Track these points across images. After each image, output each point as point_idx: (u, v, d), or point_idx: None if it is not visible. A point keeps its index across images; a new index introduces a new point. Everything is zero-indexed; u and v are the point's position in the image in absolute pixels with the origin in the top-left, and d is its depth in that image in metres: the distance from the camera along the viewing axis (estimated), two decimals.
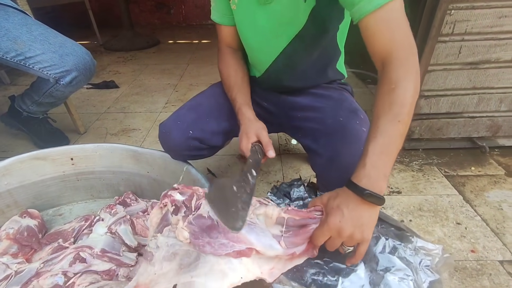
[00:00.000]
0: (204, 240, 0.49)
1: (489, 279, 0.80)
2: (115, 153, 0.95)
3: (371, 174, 0.49)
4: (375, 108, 0.54)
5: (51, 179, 0.95)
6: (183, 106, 0.84)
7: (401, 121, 0.50)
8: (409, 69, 0.52)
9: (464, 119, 1.26)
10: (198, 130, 0.79)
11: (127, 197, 0.92)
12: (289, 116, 0.85)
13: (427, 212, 1.01)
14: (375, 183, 0.48)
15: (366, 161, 0.50)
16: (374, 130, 0.51)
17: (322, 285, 0.50)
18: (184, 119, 0.80)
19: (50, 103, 1.22)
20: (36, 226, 0.86)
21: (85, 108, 1.74)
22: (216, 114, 0.83)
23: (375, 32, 0.54)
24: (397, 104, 0.50)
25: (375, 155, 0.49)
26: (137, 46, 2.84)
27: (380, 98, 0.53)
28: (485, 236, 0.92)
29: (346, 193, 0.50)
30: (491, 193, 1.09)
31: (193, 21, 3.80)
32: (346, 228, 0.48)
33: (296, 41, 0.72)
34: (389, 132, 0.50)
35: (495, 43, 1.09)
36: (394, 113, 0.50)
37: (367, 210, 0.49)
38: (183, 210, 0.56)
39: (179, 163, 0.87)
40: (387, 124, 0.50)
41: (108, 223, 0.80)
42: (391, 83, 0.52)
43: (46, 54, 1.01)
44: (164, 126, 0.81)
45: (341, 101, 0.80)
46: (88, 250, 0.74)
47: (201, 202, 0.57)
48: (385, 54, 0.54)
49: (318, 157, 0.74)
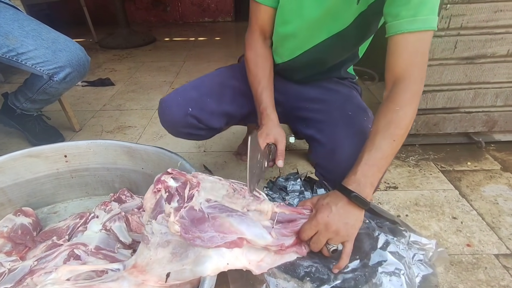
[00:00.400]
0: (194, 234, 0.49)
1: (484, 273, 0.80)
2: (109, 149, 0.94)
3: (360, 181, 0.54)
4: (375, 122, 0.59)
5: (45, 177, 0.94)
6: (187, 84, 0.84)
7: (396, 140, 0.56)
8: (415, 96, 0.58)
9: (460, 114, 1.26)
10: (197, 108, 0.79)
11: (122, 194, 0.91)
12: (296, 106, 0.85)
13: (423, 207, 1.01)
14: (362, 189, 0.53)
15: (358, 169, 0.55)
16: (370, 144, 0.56)
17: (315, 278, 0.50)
18: (185, 96, 0.80)
19: (44, 100, 1.20)
20: (31, 224, 0.85)
21: (80, 105, 1.73)
22: (218, 96, 0.83)
23: (403, 51, 0.58)
24: (396, 125, 0.56)
25: (367, 165, 0.55)
26: (133, 43, 2.82)
27: (382, 115, 0.57)
28: (480, 230, 0.92)
29: (335, 194, 0.55)
30: (487, 187, 1.09)
31: (190, 18, 3.78)
32: (333, 223, 0.51)
33: (335, 39, 0.72)
34: (383, 148, 0.55)
35: (491, 37, 1.09)
36: (391, 133, 0.55)
37: (353, 211, 0.53)
38: (176, 199, 0.56)
39: (173, 159, 0.86)
40: (383, 141, 0.55)
41: (102, 220, 0.79)
42: (396, 104, 0.57)
43: (39, 50, 0.99)
44: (164, 101, 0.81)
45: (351, 97, 0.82)
46: (83, 247, 0.73)
47: (194, 192, 0.57)
48: (401, 74, 0.58)
49: (321, 147, 0.75)
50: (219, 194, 0.60)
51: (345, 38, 0.72)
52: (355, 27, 0.69)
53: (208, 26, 3.60)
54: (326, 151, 0.73)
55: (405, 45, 0.57)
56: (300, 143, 1.37)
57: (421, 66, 0.59)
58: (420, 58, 0.58)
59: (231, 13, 3.77)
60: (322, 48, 0.75)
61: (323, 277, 0.50)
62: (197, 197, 0.55)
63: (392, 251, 0.55)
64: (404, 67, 0.58)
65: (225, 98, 0.83)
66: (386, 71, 0.61)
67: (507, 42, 1.09)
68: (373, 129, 0.58)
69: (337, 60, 0.81)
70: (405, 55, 0.57)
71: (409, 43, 0.57)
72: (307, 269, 0.52)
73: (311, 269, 0.52)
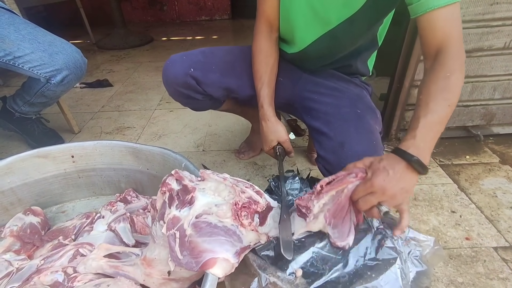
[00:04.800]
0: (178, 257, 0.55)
1: (483, 266, 0.80)
2: (114, 150, 0.95)
3: (420, 145, 0.52)
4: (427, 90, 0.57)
5: (53, 177, 0.95)
6: (196, 49, 0.86)
7: (450, 106, 0.56)
8: (462, 62, 0.59)
9: (458, 108, 1.26)
10: (199, 71, 0.80)
11: (128, 194, 0.92)
12: (304, 97, 0.85)
13: (422, 201, 1.02)
14: (421, 154, 0.51)
15: (417, 133, 0.53)
16: (425, 109, 0.55)
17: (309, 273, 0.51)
18: (191, 58, 0.81)
19: (42, 103, 1.21)
20: (39, 223, 0.86)
21: (79, 107, 1.73)
22: (223, 68, 0.84)
23: (437, 26, 0.58)
24: (450, 91, 0.56)
25: (425, 129, 0.53)
26: (130, 44, 2.82)
27: (434, 82, 0.57)
28: (479, 223, 0.93)
29: (392, 158, 0.53)
30: (485, 181, 1.09)
31: (187, 17, 3.77)
32: (390, 187, 0.50)
33: (346, 24, 0.71)
34: (439, 113, 0.54)
35: (488, 30, 1.08)
36: (446, 98, 0.55)
37: (410, 176, 0.51)
38: (175, 203, 0.57)
39: (178, 160, 0.86)
40: (439, 106, 0.55)
41: (108, 220, 0.80)
42: (447, 71, 0.56)
43: (36, 53, 1.00)
44: (170, 58, 0.83)
45: (361, 97, 0.81)
46: (88, 247, 0.74)
47: (189, 196, 0.58)
48: (442, 45, 0.58)
49: (329, 140, 0.74)
50: (221, 196, 0.62)
51: (356, 23, 0.71)
52: (366, 10, 0.68)
53: (205, 25, 3.59)
54: (333, 145, 0.73)
55: (438, 20, 0.58)
56: (299, 140, 1.37)
57: (460, 36, 0.59)
58: (457, 28, 0.59)
59: (228, 11, 3.76)
60: (334, 35, 0.74)
61: (316, 272, 0.51)
62: (187, 215, 0.58)
63: (389, 246, 0.56)
64: (444, 38, 0.58)
65: (229, 73, 0.84)
66: (424, 46, 0.62)
67: (504, 34, 1.09)
68: (423, 95, 0.57)
69: (351, 47, 0.79)
70: (442, 28, 0.58)
71: (442, 17, 0.58)
72: (302, 264, 0.52)
73: (305, 264, 0.52)
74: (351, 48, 0.80)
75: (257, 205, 0.62)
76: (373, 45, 0.83)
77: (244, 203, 0.61)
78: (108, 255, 0.71)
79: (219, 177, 0.63)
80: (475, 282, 0.76)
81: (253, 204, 0.61)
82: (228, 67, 0.84)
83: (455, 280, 0.77)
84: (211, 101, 0.88)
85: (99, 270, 0.68)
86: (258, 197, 0.63)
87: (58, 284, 0.66)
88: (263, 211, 0.62)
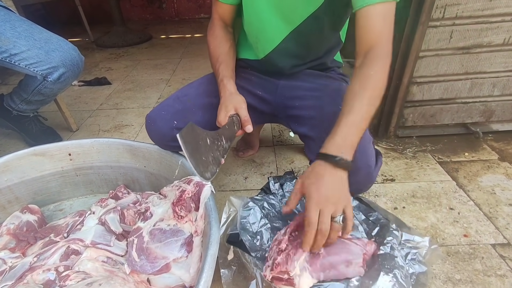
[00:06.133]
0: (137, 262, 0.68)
1: (481, 262, 0.80)
2: (112, 147, 0.95)
3: (339, 143, 0.55)
4: (351, 88, 0.60)
5: (50, 175, 0.95)
6: (170, 97, 0.84)
7: (373, 104, 0.58)
8: (387, 63, 0.61)
9: (457, 105, 1.25)
10: (182, 121, 0.78)
11: (119, 191, 0.92)
12: (286, 106, 0.84)
13: (420, 199, 1.01)
14: (342, 150, 0.54)
15: (337, 131, 0.56)
16: (347, 108, 0.58)
17: None
18: (169, 110, 0.79)
19: (39, 100, 1.20)
20: (36, 221, 0.87)
21: (77, 105, 1.73)
22: (204, 105, 0.81)
23: (372, 22, 0.61)
24: (373, 89, 0.59)
25: (346, 127, 0.56)
26: (129, 42, 2.81)
27: (358, 81, 0.60)
28: (478, 220, 0.93)
29: (318, 165, 0.55)
30: (484, 177, 1.09)
31: (186, 15, 3.75)
32: (331, 194, 0.52)
33: (311, 20, 0.72)
34: (362, 111, 0.57)
35: (486, 26, 1.07)
36: (369, 96, 0.58)
37: (340, 175, 0.54)
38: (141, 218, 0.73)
39: (174, 157, 0.86)
40: (360, 104, 0.57)
41: (98, 215, 0.80)
42: (371, 69, 0.59)
43: (32, 51, 0.99)
44: (149, 116, 0.81)
45: (340, 91, 0.81)
46: (79, 242, 0.74)
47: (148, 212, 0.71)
48: (373, 43, 0.61)
49: (315, 144, 0.74)
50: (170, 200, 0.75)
51: (320, 19, 0.72)
52: (328, 5, 0.69)
53: (205, 22, 3.58)
54: (320, 148, 0.73)
55: (374, 16, 0.60)
56: (298, 137, 1.37)
57: (390, 36, 0.62)
58: (389, 29, 0.62)
59: None
60: (301, 32, 0.74)
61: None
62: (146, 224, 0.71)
63: (383, 252, 0.56)
64: (376, 37, 0.61)
65: (212, 107, 0.81)
66: (358, 42, 0.63)
67: (503, 30, 1.08)
68: (348, 93, 0.60)
69: (319, 45, 0.80)
70: (375, 26, 0.61)
71: (378, 14, 0.60)
72: None
73: None
74: (318, 45, 0.80)
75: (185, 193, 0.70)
76: (339, 43, 0.85)
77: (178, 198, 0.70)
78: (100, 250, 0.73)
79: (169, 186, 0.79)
80: (473, 279, 0.76)
81: (183, 194, 0.69)
82: (206, 100, 0.82)
83: (453, 277, 0.77)
84: None
85: (94, 271, 0.68)
86: (186, 185, 0.71)
87: (50, 283, 0.66)
88: (194, 194, 0.69)
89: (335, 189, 0.52)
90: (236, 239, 0.62)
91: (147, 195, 0.88)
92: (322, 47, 0.82)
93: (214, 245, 0.58)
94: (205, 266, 0.54)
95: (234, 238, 0.62)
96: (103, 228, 0.79)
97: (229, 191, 1.08)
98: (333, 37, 0.81)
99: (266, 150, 1.29)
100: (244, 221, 0.64)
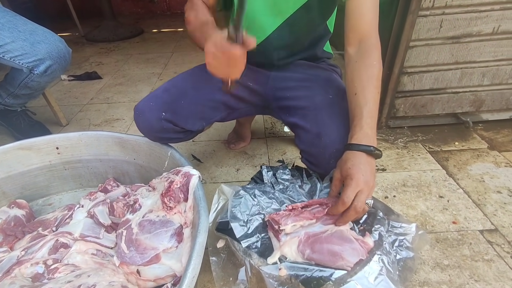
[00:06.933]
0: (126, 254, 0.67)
1: (469, 248, 0.81)
2: (100, 140, 0.93)
3: (369, 134, 0.59)
4: (359, 78, 0.64)
5: (38, 169, 0.94)
6: (159, 88, 0.82)
7: (379, 92, 0.64)
8: (380, 51, 0.65)
9: (447, 95, 1.26)
10: (171, 112, 0.77)
11: (108, 184, 0.92)
12: (277, 97, 0.84)
13: (411, 188, 1.02)
14: (372, 140, 0.59)
15: (363, 123, 0.60)
16: (362, 98, 0.62)
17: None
18: (157, 101, 0.78)
19: (27, 94, 1.18)
20: (24, 216, 0.85)
21: (67, 100, 1.70)
22: (193, 97, 0.80)
23: (364, 11, 0.64)
24: (378, 79, 0.64)
25: (369, 118, 0.60)
26: (120, 36, 2.77)
27: (365, 70, 0.64)
28: (466, 207, 0.94)
29: (353, 155, 0.59)
30: (473, 166, 1.10)
31: (178, 9, 3.71)
32: (369, 179, 0.56)
33: (303, 10, 0.72)
34: (374, 100, 0.62)
35: (476, 15, 1.08)
36: (376, 85, 0.63)
37: (373, 162, 0.59)
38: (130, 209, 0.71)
39: (164, 149, 0.85)
40: (371, 94, 0.62)
41: (87, 208, 0.79)
42: (373, 59, 0.64)
43: (16, 43, 0.97)
44: (137, 107, 0.79)
45: (331, 81, 0.81)
46: (68, 235, 0.74)
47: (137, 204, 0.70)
48: (366, 31, 0.65)
49: (306, 134, 0.74)
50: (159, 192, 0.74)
51: (311, 9, 0.72)
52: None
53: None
54: (311, 137, 0.73)
55: (365, 4, 0.64)
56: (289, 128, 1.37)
57: (377, 22, 0.66)
58: (377, 15, 0.66)
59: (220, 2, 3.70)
60: (292, 22, 0.74)
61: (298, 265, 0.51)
62: (134, 216, 0.69)
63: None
64: (368, 26, 0.65)
65: (200, 99, 0.80)
66: (349, 30, 0.66)
67: (492, 19, 1.08)
68: (358, 84, 0.63)
69: (309, 35, 0.80)
70: (367, 14, 0.64)
71: (369, 4, 0.64)
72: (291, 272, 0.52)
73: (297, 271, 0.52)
74: (310, 36, 0.80)
75: (173, 183, 0.70)
76: (327, 33, 0.85)
77: (166, 189, 0.71)
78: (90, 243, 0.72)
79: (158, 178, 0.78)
80: (461, 264, 0.77)
81: (172, 184, 0.70)
82: (195, 92, 0.81)
83: (441, 263, 0.78)
84: (193, 132, 0.86)
85: (83, 264, 0.68)
86: (174, 176, 0.71)
87: (38, 276, 0.65)
88: (183, 185, 0.70)
89: (372, 176, 0.57)
90: (225, 227, 0.61)
91: (136, 187, 0.87)
92: (312, 37, 0.81)
93: (203, 233, 0.58)
94: (193, 254, 0.54)
95: (223, 226, 0.62)
96: (92, 221, 0.79)
97: (221, 182, 1.07)
98: (322, 27, 0.81)
99: (258, 142, 1.28)
100: (235, 209, 0.64)
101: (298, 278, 0.50)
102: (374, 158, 0.59)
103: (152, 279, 0.66)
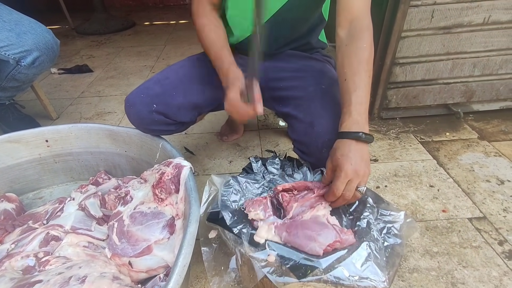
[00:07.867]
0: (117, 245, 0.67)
1: (458, 236, 0.83)
2: (91, 133, 0.92)
3: (358, 120, 0.58)
4: (349, 62, 0.62)
5: (27, 162, 0.92)
6: (150, 79, 0.81)
7: (370, 76, 0.61)
8: (372, 33, 0.63)
9: (439, 85, 1.27)
10: (162, 104, 0.76)
11: (99, 177, 0.91)
12: (271, 88, 0.83)
13: (402, 177, 1.03)
14: (362, 126, 0.58)
15: (352, 110, 0.58)
16: (352, 84, 0.60)
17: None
18: (148, 93, 0.77)
19: (14, 87, 1.16)
20: (14, 210, 0.84)
21: (57, 93, 1.68)
22: (184, 88, 0.79)
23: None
24: (369, 62, 0.61)
25: (358, 104, 0.59)
26: (112, 29, 2.72)
27: (355, 54, 0.61)
28: (456, 196, 0.95)
29: (342, 143, 0.58)
30: (464, 156, 1.12)
31: (170, 1, 3.65)
32: (359, 168, 0.55)
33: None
34: (364, 85, 0.60)
35: (467, 5, 1.08)
36: (367, 69, 0.61)
37: (364, 149, 0.57)
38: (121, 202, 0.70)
39: (155, 141, 0.85)
40: (362, 79, 0.60)
41: (78, 201, 0.79)
42: (363, 42, 0.61)
43: (1, 33, 0.95)
44: (128, 99, 0.78)
45: (324, 71, 0.81)
46: (59, 228, 0.73)
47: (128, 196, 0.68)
48: (357, 15, 0.63)
49: (299, 123, 0.74)
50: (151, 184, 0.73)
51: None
52: None
53: (190, 9, 3.49)
54: (304, 126, 0.72)
55: None
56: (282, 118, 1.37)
57: (369, 5, 0.64)
58: (368, 1, 0.64)
59: None
60: (286, 11, 0.73)
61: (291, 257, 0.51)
62: (126, 208, 0.70)
63: (360, 228, 0.57)
64: (360, 8, 0.63)
65: (192, 90, 0.79)
66: (341, 10, 0.64)
67: (483, 10, 1.09)
68: (348, 69, 0.61)
69: (304, 23, 0.79)
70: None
71: None
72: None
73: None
74: (304, 23, 0.80)
75: (164, 175, 0.70)
76: (322, 21, 0.84)
77: (157, 180, 0.70)
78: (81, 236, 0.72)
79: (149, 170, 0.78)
80: (449, 251, 0.79)
81: (163, 176, 0.70)
82: (187, 84, 0.80)
83: (431, 250, 0.79)
84: (185, 124, 0.85)
85: (74, 256, 0.68)
86: (165, 168, 0.71)
87: (29, 269, 0.65)
88: (174, 176, 0.69)
89: (362, 163, 0.55)
90: (216, 217, 0.61)
91: (128, 179, 0.87)
92: (307, 24, 0.81)
93: (194, 223, 0.58)
94: (184, 243, 0.54)
95: (214, 216, 0.62)
96: (83, 213, 0.78)
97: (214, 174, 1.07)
98: (316, 14, 0.80)
99: (250, 134, 1.28)
100: (225, 198, 0.64)
101: (287, 264, 0.50)
102: (366, 143, 0.58)
103: (144, 270, 0.66)
